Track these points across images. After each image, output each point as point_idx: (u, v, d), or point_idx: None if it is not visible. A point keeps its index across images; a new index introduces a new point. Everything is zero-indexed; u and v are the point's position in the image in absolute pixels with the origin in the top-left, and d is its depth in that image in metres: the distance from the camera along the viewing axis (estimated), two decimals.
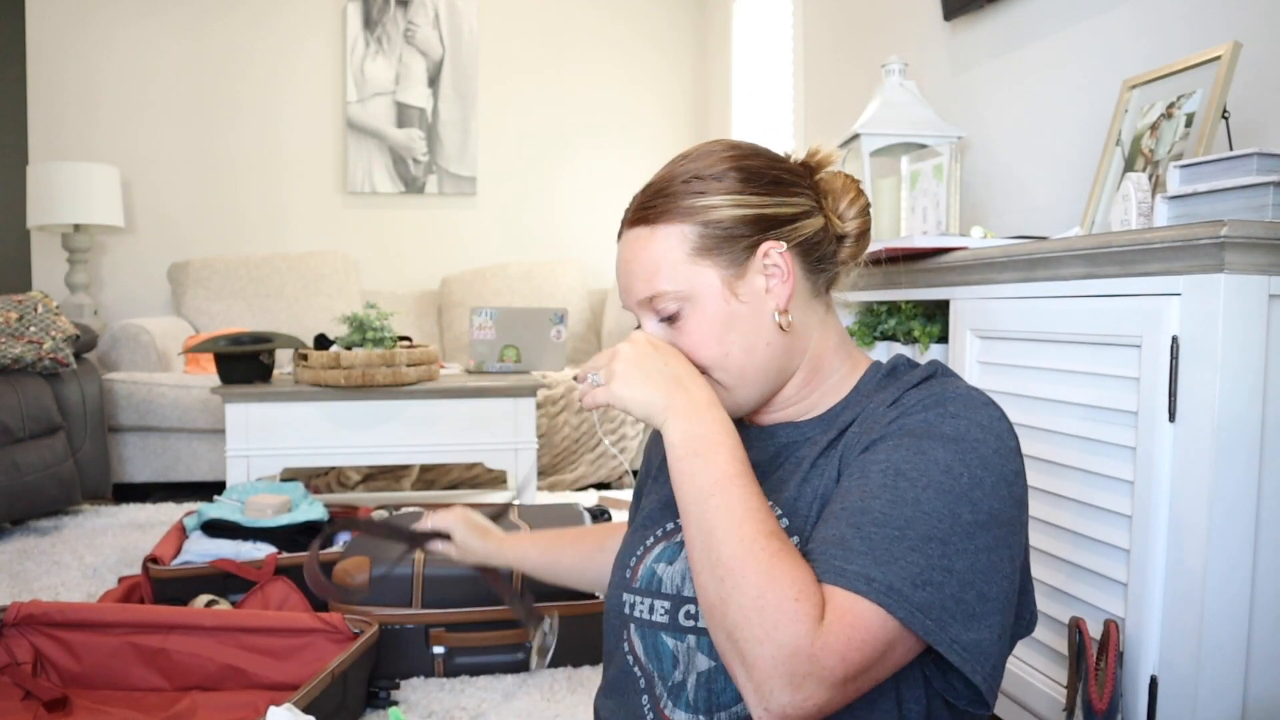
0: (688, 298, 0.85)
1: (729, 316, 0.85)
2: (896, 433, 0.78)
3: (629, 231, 0.88)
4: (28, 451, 2.79)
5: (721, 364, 0.86)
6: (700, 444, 0.77)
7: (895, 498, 0.73)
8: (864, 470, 0.77)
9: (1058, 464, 1.31)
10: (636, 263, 0.87)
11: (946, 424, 0.77)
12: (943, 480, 0.73)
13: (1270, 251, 1.02)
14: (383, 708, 1.62)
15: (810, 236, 0.87)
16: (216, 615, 1.64)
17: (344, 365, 2.54)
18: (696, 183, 0.86)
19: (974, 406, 0.79)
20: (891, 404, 0.83)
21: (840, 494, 0.77)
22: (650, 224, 0.86)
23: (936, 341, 1.75)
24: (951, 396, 0.80)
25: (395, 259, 4.55)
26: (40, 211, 3.86)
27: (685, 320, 0.85)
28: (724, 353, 0.85)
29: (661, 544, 0.92)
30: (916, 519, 0.72)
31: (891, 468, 0.75)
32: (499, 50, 4.58)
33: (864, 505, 0.74)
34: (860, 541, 0.72)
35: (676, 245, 0.85)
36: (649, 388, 0.81)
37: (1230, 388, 1.02)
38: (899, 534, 0.71)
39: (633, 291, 0.88)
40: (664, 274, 0.85)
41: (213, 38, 4.31)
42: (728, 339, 0.85)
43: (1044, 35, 2.14)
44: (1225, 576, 1.04)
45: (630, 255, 0.87)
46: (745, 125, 4.21)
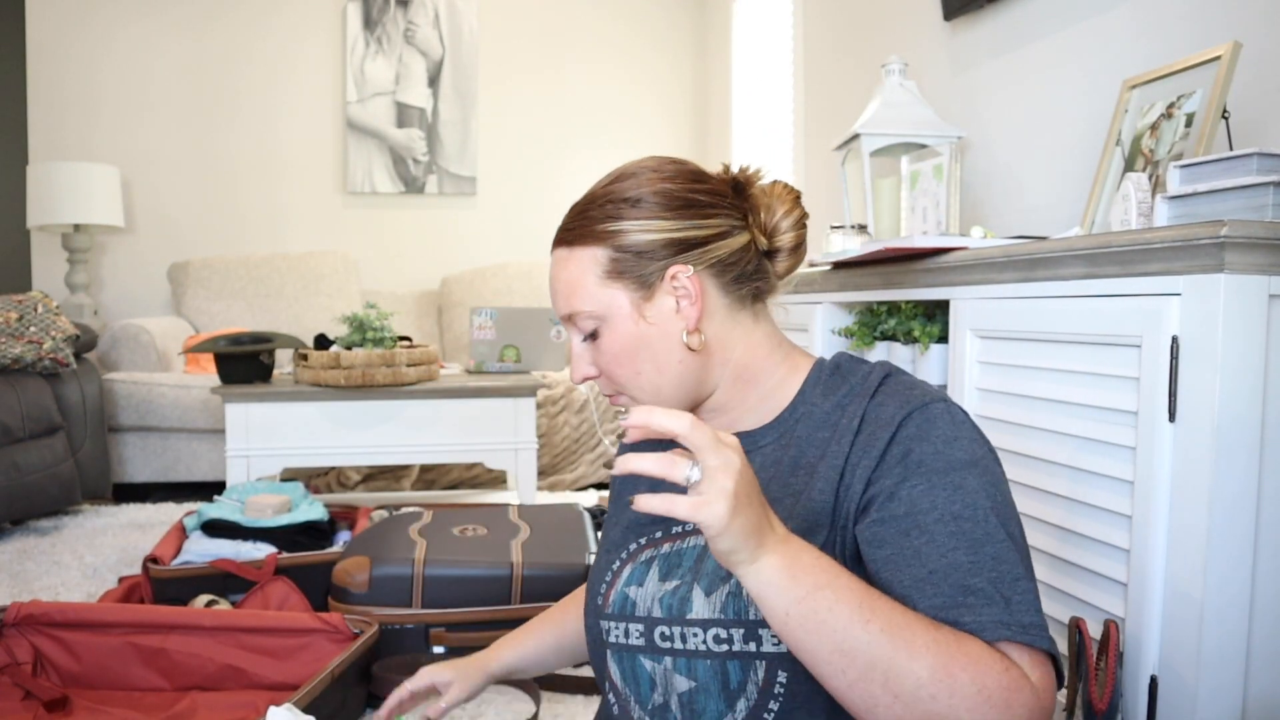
0: (602, 318, 0.89)
1: (639, 337, 0.89)
2: (917, 470, 0.78)
3: (555, 251, 0.93)
4: (28, 451, 2.79)
5: (634, 383, 0.90)
6: (810, 574, 0.69)
7: (970, 543, 0.75)
8: (920, 527, 0.76)
9: (1057, 464, 1.31)
10: (558, 281, 0.91)
11: (956, 450, 0.79)
12: (989, 505, 0.77)
13: (1270, 251, 1.02)
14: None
15: (726, 257, 0.89)
16: (216, 615, 1.64)
17: (344, 365, 2.54)
18: (611, 206, 0.89)
19: (954, 420, 0.82)
20: (859, 419, 0.83)
21: (910, 556, 0.75)
22: (569, 245, 0.90)
23: (936, 341, 1.75)
24: (932, 416, 0.81)
25: (395, 259, 4.55)
26: (40, 211, 3.86)
27: (601, 339, 0.90)
28: (635, 371, 0.89)
29: (629, 566, 0.93)
30: (999, 552, 0.75)
31: (948, 515, 0.76)
32: (499, 50, 4.58)
33: (952, 561, 0.74)
34: (975, 597, 0.73)
35: (590, 268, 0.89)
36: (749, 515, 0.66)
37: (1230, 388, 1.02)
38: (996, 574, 0.74)
39: (556, 308, 0.93)
40: (579, 295, 0.89)
41: (213, 38, 4.31)
42: (639, 359, 0.89)
43: (1044, 35, 2.14)
44: (1225, 576, 1.04)
45: (554, 274, 0.92)
46: (745, 125, 4.21)
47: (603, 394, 0.95)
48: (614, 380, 0.91)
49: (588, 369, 0.93)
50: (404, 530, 1.97)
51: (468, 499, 3.24)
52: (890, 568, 0.76)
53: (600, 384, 0.94)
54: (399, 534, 1.94)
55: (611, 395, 0.95)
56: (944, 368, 1.72)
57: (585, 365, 0.93)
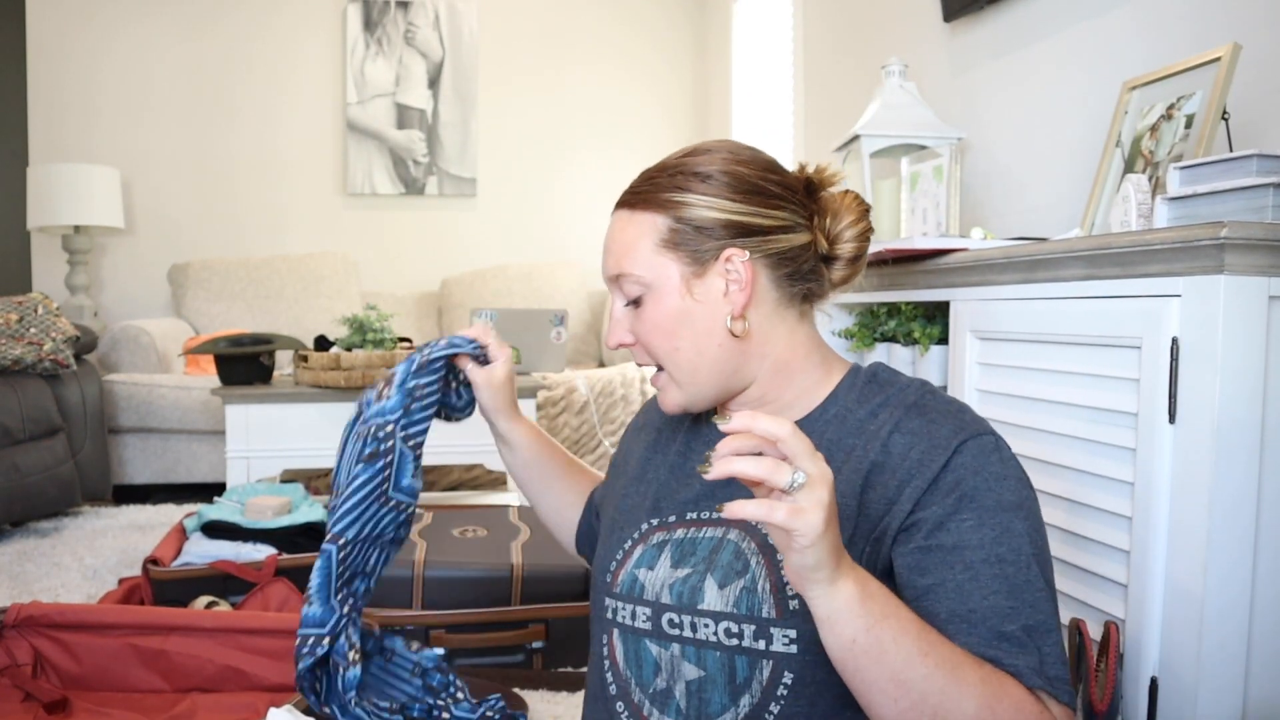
0: (649, 286, 0.88)
1: (682, 312, 0.88)
2: (969, 504, 0.78)
3: (616, 212, 0.92)
4: (28, 453, 2.79)
5: (672, 358, 0.89)
6: (878, 603, 0.69)
7: (1011, 588, 0.77)
8: (965, 563, 0.77)
9: (1058, 465, 1.31)
10: (614, 241, 0.91)
11: (1006, 491, 0.80)
12: (1031, 552, 0.79)
13: (1270, 253, 1.02)
14: None
15: (784, 251, 0.89)
16: (216, 617, 1.64)
17: (344, 366, 2.54)
18: (680, 178, 0.89)
19: (1003, 458, 0.82)
20: (892, 428, 0.83)
21: (953, 590, 0.77)
22: (631, 208, 0.90)
23: (936, 343, 1.75)
24: (985, 449, 0.81)
25: (395, 260, 4.55)
26: (40, 213, 3.86)
27: (644, 308, 0.89)
28: (674, 347, 0.89)
29: (639, 547, 0.92)
30: (1036, 600, 0.77)
31: (993, 556, 0.77)
32: (499, 52, 4.58)
33: (993, 605, 0.76)
34: (1009, 643, 0.75)
35: (647, 233, 0.88)
36: (834, 533, 0.66)
37: (1230, 389, 1.02)
38: (1031, 623, 0.76)
39: (606, 267, 0.92)
40: (630, 258, 0.89)
41: (213, 39, 4.31)
42: (678, 334, 0.88)
43: (1044, 36, 2.14)
44: (1225, 578, 1.04)
45: (611, 234, 0.92)
46: (745, 126, 4.20)
47: (637, 364, 0.95)
48: (650, 351, 0.91)
49: (624, 335, 0.92)
50: None
51: (468, 500, 3.24)
52: (931, 597, 0.77)
53: (634, 353, 0.93)
54: None
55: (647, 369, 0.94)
56: (944, 369, 1.73)
57: (622, 331, 0.92)
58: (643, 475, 1.01)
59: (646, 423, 1.08)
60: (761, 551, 0.85)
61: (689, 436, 1.00)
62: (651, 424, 1.07)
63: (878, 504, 0.81)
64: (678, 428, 1.02)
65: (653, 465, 1.00)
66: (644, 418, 1.10)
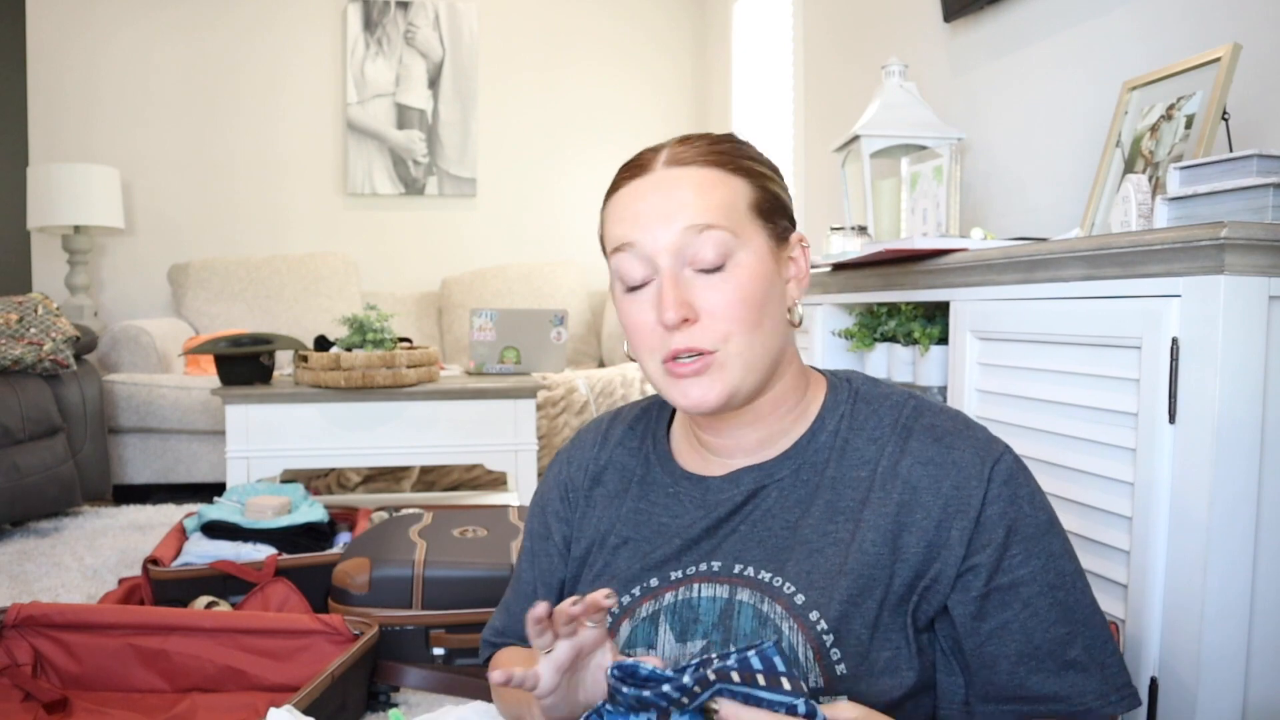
0: (738, 249, 0.78)
1: (770, 283, 0.80)
2: (1015, 538, 0.78)
3: (684, 169, 0.79)
4: (28, 453, 2.79)
5: (748, 337, 0.78)
6: None
7: (1065, 612, 0.78)
8: (1023, 600, 0.78)
9: (1057, 465, 1.31)
10: (695, 194, 0.78)
11: (1039, 511, 0.80)
12: (1073, 569, 0.81)
13: (1270, 253, 1.02)
14: (383, 709, 1.62)
15: None
16: (216, 617, 1.64)
17: (344, 367, 2.54)
18: (756, 152, 0.84)
19: (1025, 471, 0.82)
20: (910, 460, 0.80)
21: (1016, 631, 0.77)
22: (719, 167, 0.80)
23: (936, 343, 1.75)
24: (1011, 469, 0.80)
25: (395, 260, 4.55)
26: (40, 213, 3.86)
27: (730, 273, 0.78)
28: (756, 322, 0.78)
29: (625, 624, 0.84)
30: (1086, 615, 0.79)
31: (1045, 586, 0.78)
32: (499, 52, 4.58)
33: (1054, 635, 0.78)
34: (1075, 670, 0.77)
35: (741, 195, 0.80)
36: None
37: (1230, 389, 1.02)
38: (1089, 641, 0.78)
39: (677, 220, 0.77)
40: (725, 213, 0.78)
41: (213, 39, 4.31)
42: (765, 307, 0.79)
43: (1044, 37, 2.14)
44: (1225, 578, 1.04)
45: (686, 186, 0.78)
46: (745, 126, 4.21)
47: (674, 352, 0.78)
48: (721, 325, 0.77)
49: (687, 309, 0.77)
50: (404, 532, 1.97)
51: (468, 500, 3.24)
52: (997, 640, 0.78)
53: (676, 338, 0.78)
54: (399, 535, 1.94)
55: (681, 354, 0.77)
56: (944, 369, 1.73)
57: (685, 305, 0.77)
58: (601, 543, 0.90)
59: (568, 493, 0.96)
60: (790, 614, 0.77)
61: (642, 489, 0.91)
62: (577, 490, 0.95)
63: (917, 547, 0.78)
64: (624, 484, 0.92)
65: (613, 531, 0.90)
66: (559, 490, 0.97)
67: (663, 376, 0.81)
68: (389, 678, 1.67)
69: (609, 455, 0.95)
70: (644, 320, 0.80)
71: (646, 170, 0.81)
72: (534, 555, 0.98)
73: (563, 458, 0.99)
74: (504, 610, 1.01)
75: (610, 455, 0.95)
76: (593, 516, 0.93)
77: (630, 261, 0.79)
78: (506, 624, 1.00)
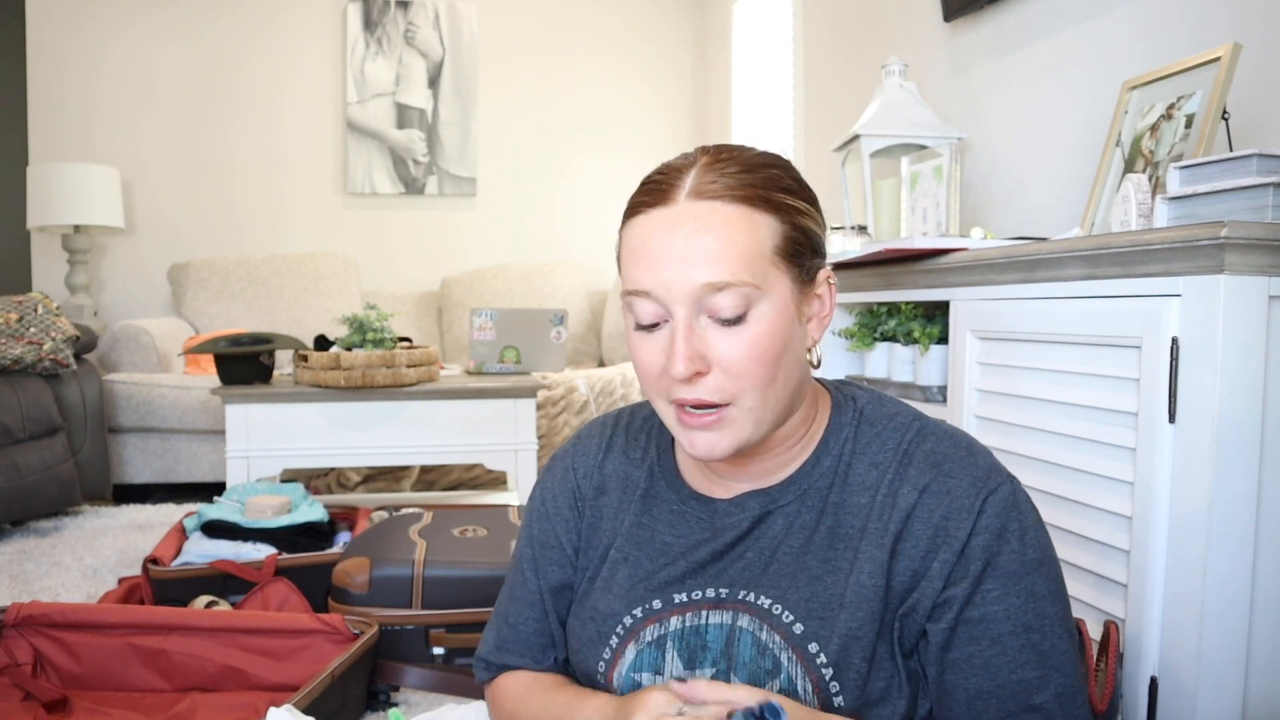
0: (761, 300, 0.73)
1: (790, 337, 0.75)
2: (994, 573, 0.76)
3: (709, 204, 0.72)
4: (28, 452, 2.79)
5: (764, 391, 0.74)
6: None
7: (1038, 656, 0.75)
8: (992, 636, 0.76)
9: (1058, 465, 1.31)
10: (716, 241, 0.71)
11: (1029, 549, 0.77)
12: (1055, 613, 0.77)
13: (1270, 253, 1.02)
14: (383, 709, 1.62)
15: None
16: (216, 616, 1.64)
17: (344, 366, 2.53)
18: (789, 180, 0.77)
19: (1022, 507, 0.78)
20: (909, 490, 0.78)
21: (979, 666, 0.75)
22: (748, 204, 0.73)
23: (936, 342, 1.75)
24: (1006, 503, 0.77)
25: (395, 260, 4.55)
26: (40, 212, 3.86)
27: (749, 327, 0.73)
28: (772, 377, 0.74)
29: (630, 645, 0.83)
30: (1062, 663, 0.76)
31: (1020, 626, 0.76)
32: (499, 51, 4.58)
33: (1021, 678, 0.75)
34: (1039, 715, 0.75)
35: (766, 237, 0.73)
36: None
37: (1230, 389, 1.02)
38: (1060, 690, 0.75)
39: (696, 273, 0.71)
40: (748, 263, 0.72)
41: (213, 38, 4.31)
42: (782, 362, 0.75)
43: (1044, 36, 2.14)
44: (1225, 577, 1.04)
45: (707, 229, 0.72)
46: (745, 126, 4.20)
47: (682, 402, 0.75)
48: (734, 381, 0.74)
49: (700, 363, 0.73)
50: (404, 531, 1.97)
51: (468, 500, 3.24)
52: (957, 671, 0.76)
53: (684, 390, 0.74)
54: (399, 535, 1.94)
55: (688, 405, 0.75)
56: (944, 369, 1.73)
57: (697, 359, 0.73)
58: (603, 555, 0.89)
59: (576, 502, 0.93)
60: (789, 645, 0.77)
61: (645, 503, 0.89)
62: (584, 499, 0.92)
63: (903, 575, 0.77)
64: (627, 495, 0.90)
65: (614, 544, 0.88)
66: (569, 499, 0.93)
67: (674, 420, 0.78)
68: (389, 677, 1.67)
69: (613, 464, 0.93)
70: (654, 363, 0.76)
71: (668, 200, 0.74)
72: (538, 563, 0.93)
73: (567, 463, 0.95)
74: (502, 623, 0.95)
75: (614, 465, 0.93)
76: (600, 527, 0.91)
77: (644, 305, 0.75)
78: (508, 639, 0.95)
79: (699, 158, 0.77)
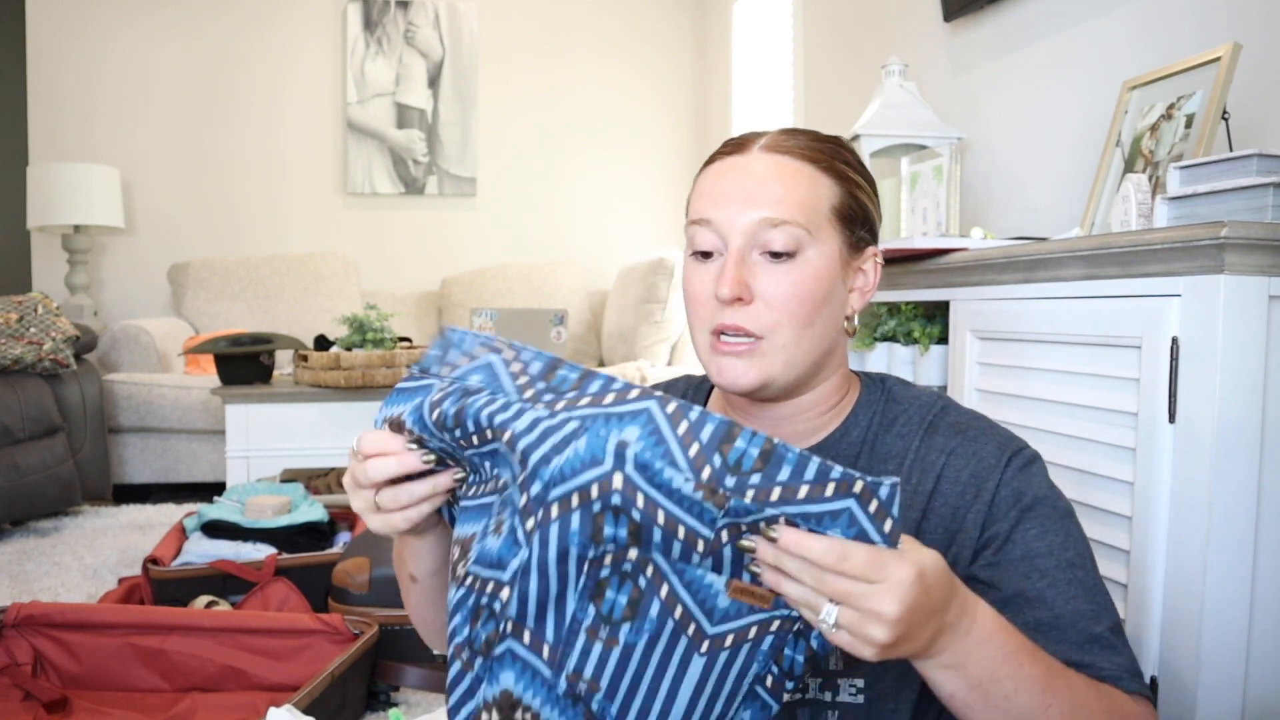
0: (811, 245, 0.79)
1: (832, 289, 0.81)
2: (1030, 513, 0.78)
3: (779, 158, 0.80)
4: (28, 452, 2.79)
5: (794, 335, 0.79)
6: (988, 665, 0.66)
7: (1087, 590, 0.77)
8: (1040, 571, 0.77)
9: (1058, 465, 1.31)
10: (780, 187, 0.79)
11: (1058, 499, 0.80)
12: (1090, 554, 0.80)
13: (1270, 253, 1.02)
14: (383, 709, 1.62)
15: None
16: (216, 616, 1.64)
17: (344, 366, 2.53)
18: (854, 158, 0.84)
19: (1045, 470, 0.83)
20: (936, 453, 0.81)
21: (1034, 598, 0.76)
22: (814, 164, 0.81)
23: (936, 342, 1.75)
24: (1030, 460, 0.81)
25: (395, 260, 4.55)
26: (40, 212, 3.86)
27: (795, 266, 0.79)
28: (809, 321, 0.79)
29: None
30: (1108, 601, 0.78)
31: (1064, 562, 0.77)
32: (499, 51, 4.58)
33: (1076, 609, 0.76)
34: (1099, 645, 0.76)
35: (826, 196, 0.80)
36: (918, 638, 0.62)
37: (1230, 389, 1.02)
38: (1113, 623, 0.77)
39: (757, 210, 0.78)
40: (805, 209, 0.79)
41: (213, 38, 4.31)
42: (821, 310, 0.80)
43: (1044, 36, 2.14)
44: (1225, 578, 1.04)
45: (774, 177, 0.79)
46: (745, 126, 4.21)
47: (721, 327, 0.79)
48: (773, 315, 0.78)
49: (744, 289, 0.78)
50: None
51: None
52: (1011, 609, 0.75)
53: (726, 314, 0.79)
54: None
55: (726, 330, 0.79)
56: (944, 369, 1.73)
57: (742, 285, 0.78)
58: None
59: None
60: None
61: None
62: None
63: (935, 533, 0.80)
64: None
65: None
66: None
67: (708, 349, 0.82)
68: (389, 677, 1.67)
69: None
70: (703, 290, 0.81)
71: (743, 150, 0.82)
72: None
73: None
74: None
75: None
76: None
77: (704, 234, 0.81)
78: None
79: (776, 129, 0.85)
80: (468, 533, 0.72)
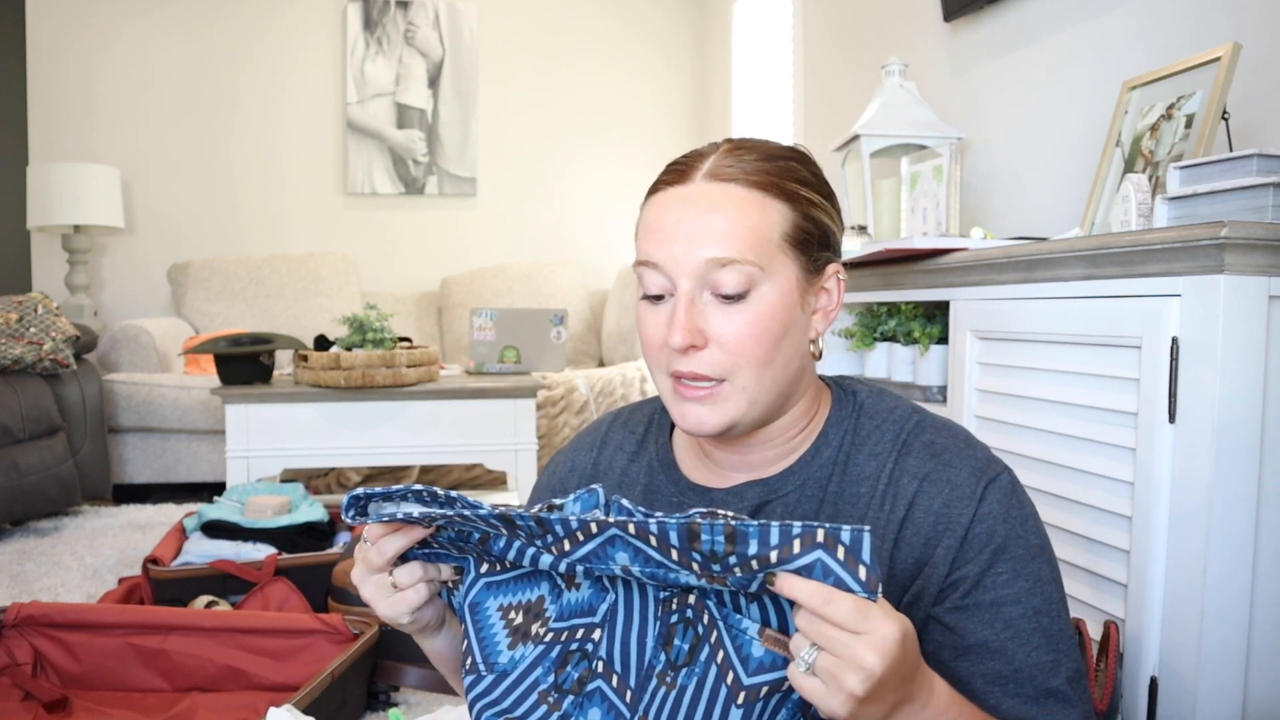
0: (763, 281, 0.75)
1: (790, 320, 0.77)
2: (1002, 556, 0.77)
3: (724, 186, 0.76)
4: (28, 452, 2.79)
5: (759, 371, 0.76)
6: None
7: (1049, 639, 0.76)
8: (1005, 620, 0.76)
9: (1058, 465, 1.31)
10: (725, 221, 0.74)
11: (1031, 535, 0.79)
12: (1059, 598, 0.79)
13: (1270, 253, 1.02)
14: (383, 709, 1.62)
15: None
16: (216, 616, 1.64)
17: (344, 366, 2.53)
18: (805, 171, 0.79)
19: (1020, 495, 0.80)
20: (908, 478, 0.79)
21: (995, 650, 0.75)
22: (762, 190, 0.76)
23: (936, 342, 1.75)
24: (1005, 490, 0.79)
25: (395, 260, 4.55)
26: (40, 212, 3.86)
27: (748, 306, 0.75)
28: (767, 359, 0.76)
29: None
30: (1070, 647, 0.77)
31: (1030, 610, 0.76)
32: (499, 51, 4.58)
33: (1036, 661, 0.76)
34: (1055, 700, 0.75)
35: (776, 223, 0.76)
36: (884, 702, 0.62)
37: (1230, 389, 1.02)
38: (1071, 673, 0.76)
39: (703, 249, 0.75)
40: (752, 242, 0.74)
41: (213, 38, 4.31)
42: (781, 345, 0.77)
43: (1044, 36, 2.14)
44: (1225, 577, 1.04)
45: (718, 209, 0.75)
46: (745, 126, 4.20)
47: (679, 375, 0.77)
48: (730, 358, 0.76)
49: (697, 336, 0.75)
50: None
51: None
52: (973, 658, 0.75)
53: (682, 361, 0.77)
54: None
55: (684, 377, 0.77)
56: (944, 369, 1.73)
57: (695, 332, 0.75)
58: None
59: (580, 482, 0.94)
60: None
61: (646, 499, 0.90)
62: (568, 493, 0.91)
63: (905, 563, 0.78)
64: (624, 492, 0.91)
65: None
66: (550, 495, 0.95)
67: (670, 394, 0.80)
68: (389, 677, 1.67)
69: (607, 459, 0.94)
70: (656, 334, 0.79)
71: (686, 178, 0.78)
72: None
73: (559, 458, 0.98)
74: None
75: (609, 459, 0.94)
76: None
77: (652, 276, 0.78)
78: None
79: (722, 145, 0.80)
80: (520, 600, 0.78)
